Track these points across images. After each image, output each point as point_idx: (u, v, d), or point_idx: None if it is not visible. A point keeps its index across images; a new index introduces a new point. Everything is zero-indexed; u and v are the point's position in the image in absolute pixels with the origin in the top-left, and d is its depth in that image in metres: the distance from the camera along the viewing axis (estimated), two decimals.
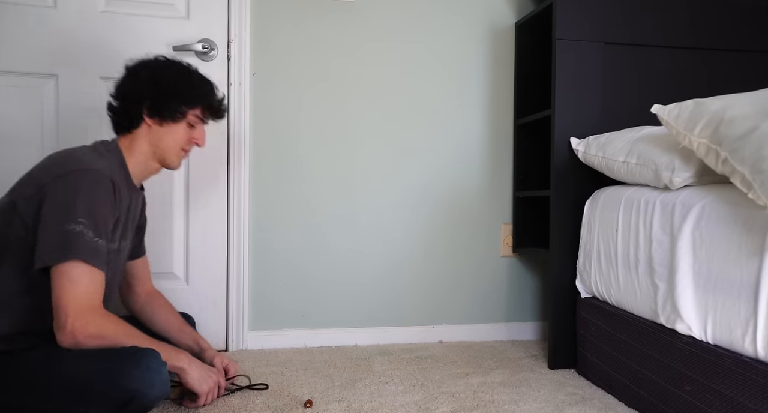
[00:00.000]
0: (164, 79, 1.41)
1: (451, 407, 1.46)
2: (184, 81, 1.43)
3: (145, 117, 1.41)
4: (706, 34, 1.92)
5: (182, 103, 1.43)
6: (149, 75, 1.41)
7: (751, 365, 1.10)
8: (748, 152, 1.11)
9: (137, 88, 1.40)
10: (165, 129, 1.43)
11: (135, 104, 1.40)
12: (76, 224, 1.19)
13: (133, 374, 1.15)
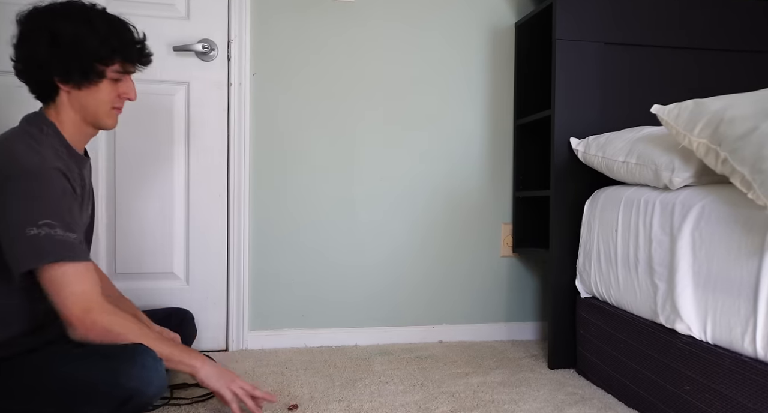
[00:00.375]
0: (66, 38, 1.21)
1: (451, 407, 1.47)
2: (89, 35, 1.23)
3: (60, 85, 1.25)
4: (706, 34, 1.92)
5: (95, 61, 1.25)
6: (48, 36, 1.21)
7: (751, 365, 1.11)
8: (748, 152, 1.11)
9: (38, 54, 1.21)
10: (85, 92, 1.27)
11: (43, 72, 1.24)
12: (40, 228, 1.13)
13: (131, 373, 1.14)
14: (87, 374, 1.15)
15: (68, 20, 1.22)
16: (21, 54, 1.24)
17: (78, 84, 1.26)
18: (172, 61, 1.93)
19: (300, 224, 2.06)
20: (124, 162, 1.92)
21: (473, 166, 2.19)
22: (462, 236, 2.17)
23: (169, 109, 1.95)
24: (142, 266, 1.94)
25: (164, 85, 1.94)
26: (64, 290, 1.15)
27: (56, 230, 1.14)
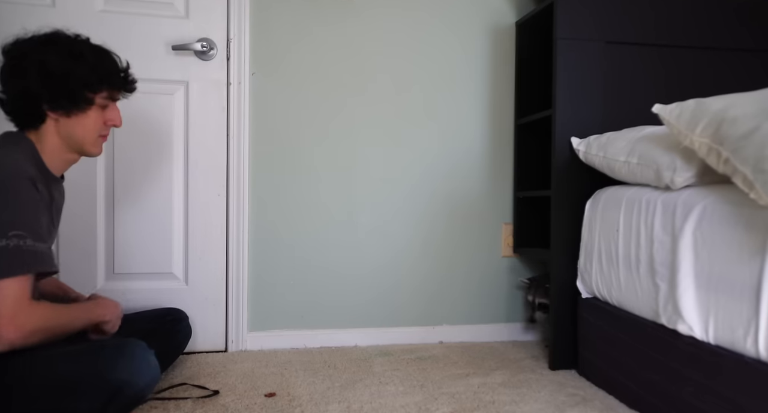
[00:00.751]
0: (56, 69, 1.23)
1: (452, 408, 1.46)
2: (79, 64, 1.26)
3: (48, 113, 1.26)
4: (708, 34, 1.91)
5: (85, 89, 1.28)
6: (38, 68, 1.23)
7: (753, 366, 1.10)
8: (750, 152, 1.10)
9: (29, 85, 1.23)
10: (74, 120, 1.29)
11: (32, 102, 1.25)
12: (7, 240, 1.11)
13: (117, 365, 1.16)
14: (74, 369, 1.16)
15: (56, 50, 1.25)
16: (10, 86, 1.25)
17: (67, 112, 1.28)
18: (171, 60, 1.92)
19: (300, 224, 2.05)
20: (122, 162, 1.91)
21: (474, 166, 2.18)
22: (462, 236, 2.16)
23: (168, 108, 1.94)
24: (141, 266, 1.93)
25: (163, 84, 1.93)
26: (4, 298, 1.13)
27: (26, 240, 1.14)
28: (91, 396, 1.15)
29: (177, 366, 1.78)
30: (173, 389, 1.55)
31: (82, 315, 1.31)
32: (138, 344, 1.20)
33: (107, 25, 1.88)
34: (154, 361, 1.22)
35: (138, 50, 1.91)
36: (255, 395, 1.53)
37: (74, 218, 1.87)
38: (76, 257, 1.87)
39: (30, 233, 1.15)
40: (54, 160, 1.32)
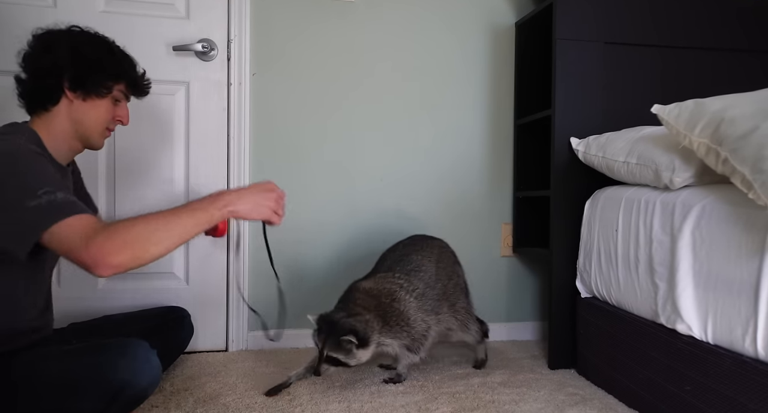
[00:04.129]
0: (88, 52, 1.30)
1: (452, 407, 1.46)
2: (108, 55, 1.34)
3: (67, 91, 1.28)
4: (707, 34, 1.92)
5: (108, 77, 1.32)
6: (70, 48, 1.28)
7: (752, 365, 1.10)
8: (749, 152, 1.11)
9: (57, 61, 1.26)
10: (89, 104, 1.31)
11: (54, 76, 1.26)
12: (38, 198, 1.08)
13: (118, 365, 1.15)
14: (76, 369, 1.16)
15: (88, 38, 1.33)
16: (36, 62, 1.28)
17: (85, 94, 1.30)
18: (172, 60, 1.93)
19: (300, 224, 2.06)
20: (123, 162, 1.92)
21: (473, 166, 2.18)
22: (462, 236, 2.17)
23: (169, 108, 1.94)
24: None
25: (164, 85, 1.93)
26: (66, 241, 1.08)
27: (56, 194, 1.11)
28: (93, 396, 1.14)
29: (178, 365, 1.79)
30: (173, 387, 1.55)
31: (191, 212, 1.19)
32: (140, 344, 1.20)
33: (108, 25, 1.87)
34: (156, 361, 1.21)
35: (139, 51, 1.88)
36: (255, 394, 1.54)
37: None
38: None
39: (57, 188, 1.12)
40: (59, 147, 1.30)
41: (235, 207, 1.23)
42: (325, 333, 1.52)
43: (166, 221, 1.16)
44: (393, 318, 1.57)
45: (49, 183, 1.12)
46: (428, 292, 1.67)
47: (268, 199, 1.29)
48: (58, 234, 1.08)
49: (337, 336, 1.49)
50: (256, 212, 1.27)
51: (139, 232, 1.13)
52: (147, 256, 1.13)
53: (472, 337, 1.78)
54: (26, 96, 1.30)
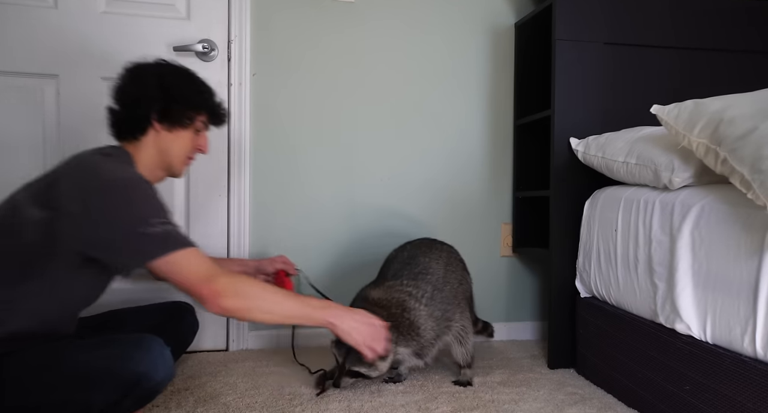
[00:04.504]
0: (173, 85, 1.38)
1: (452, 407, 1.47)
2: (191, 86, 1.43)
3: (155, 123, 1.37)
4: (706, 35, 1.92)
5: (191, 108, 1.41)
6: (157, 80, 1.37)
7: (750, 364, 1.11)
8: (748, 152, 1.11)
9: (146, 93, 1.35)
10: (174, 135, 1.40)
11: (144, 109, 1.36)
12: (153, 226, 1.18)
13: (135, 357, 1.16)
14: (91, 361, 1.17)
15: (173, 71, 1.41)
16: (127, 94, 1.36)
17: (171, 125, 1.39)
18: (173, 61, 1.93)
19: (300, 224, 2.06)
20: None
21: (473, 166, 2.19)
22: (462, 236, 2.17)
23: None
24: None
25: None
26: (185, 271, 1.20)
27: (167, 225, 1.21)
28: (108, 389, 1.15)
29: (178, 364, 1.79)
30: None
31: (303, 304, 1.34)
32: (155, 338, 1.21)
33: (109, 26, 1.89)
34: (170, 356, 1.22)
35: (139, 51, 1.90)
36: (256, 394, 1.54)
37: None
38: None
39: (170, 219, 1.23)
40: (147, 175, 1.35)
41: (337, 322, 1.36)
42: (346, 346, 1.48)
43: (281, 297, 1.32)
44: (404, 328, 1.55)
45: (163, 214, 1.22)
46: (437, 295, 1.63)
47: (368, 333, 1.40)
48: (174, 264, 1.19)
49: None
50: (350, 337, 1.37)
51: (256, 293, 1.28)
52: (249, 316, 1.29)
53: (462, 356, 1.67)
54: (117, 125, 1.38)
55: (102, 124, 1.88)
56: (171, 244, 1.20)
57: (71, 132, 1.88)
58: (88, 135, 1.89)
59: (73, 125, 1.88)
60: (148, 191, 1.24)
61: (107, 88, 1.88)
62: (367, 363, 1.48)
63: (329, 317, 1.36)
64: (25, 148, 1.85)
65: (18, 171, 1.84)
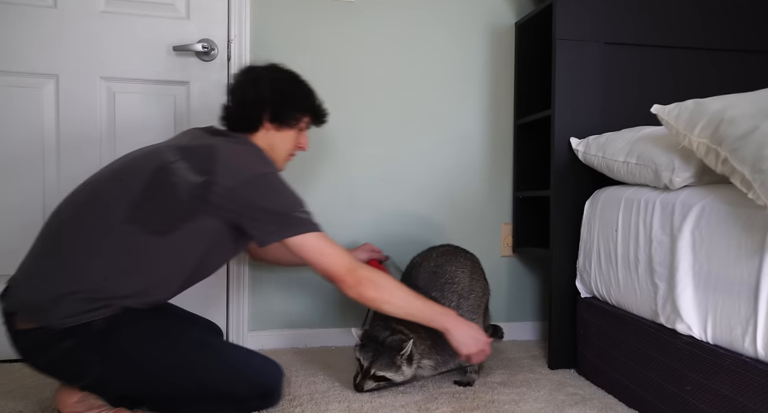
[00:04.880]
0: (285, 88, 1.52)
1: (452, 407, 1.46)
2: (299, 89, 1.56)
3: (266, 122, 1.50)
4: (706, 34, 1.92)
5: (298, 110, 1.55)
6: (270, 83, 1.50)
7: (751, 365, 1.10)
8: (748, 152, 1.11)
9: (260, 95, 1.49)
10: (281, 134, 1.53)
11: (257, 109, 1.49)
12: (304, 213, 1.37)
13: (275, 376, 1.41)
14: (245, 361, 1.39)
15: (285, 76, 1.55)
16: (243, 94, 1.51)
17: (280, 124, 1.52)
18: (172, 61, 1.93)
19: None
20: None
21: (473, 166, 2.19)
22: (462, 236, 2.17)
23: (169, 109, 1.95)
24: None
25: (164, 85, 1.94)
26: (328, 253, 1.37)
27: (312, 216, 1.38)
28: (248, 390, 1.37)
29: None
30: None
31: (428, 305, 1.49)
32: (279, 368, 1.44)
33: (108, 26, 1.89)
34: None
35: (139, 51, 1.91)
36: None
37: None
38: None
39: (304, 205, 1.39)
40: None
41: (453, 330, 1.48)
42: (373, 351, 1.54)
43: (411, 296, 1.46)
44: (429, 341, 1.57)
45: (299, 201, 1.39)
46: (462, 303, 1.65)
47: (476, 344, 1.50)
48: (315, 245, 1.36)
49: (391, 353, 1.52)
50: (461, 343, 1.49)
51: (392, 289, 1.44)
52: (381, 306, 1.43)
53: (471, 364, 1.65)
54: (231, 121, 1.52)
55: (101, 123, 1.90)
56: (315, 226, 1.37)
57: (71, 131, 1.87)
58: (88, 135, 1.89)
59: (72, 125, 1.88)
60: (280, 178, 1.39)
61: (106, 88, 1.90)
62: (395, 367, 1.52)
63: (447, 324, 1.48)
64: (24, 147, 1.84)
65: (18, 171, 1.84)
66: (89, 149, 1.89)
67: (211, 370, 1.33)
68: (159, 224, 1.29)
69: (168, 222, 1.30)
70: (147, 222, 1.28)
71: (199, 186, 1.30)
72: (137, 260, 1.28)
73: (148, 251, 1.28)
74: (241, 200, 1.31)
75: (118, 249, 1.26)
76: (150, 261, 1.29)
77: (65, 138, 1.87)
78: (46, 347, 1.23)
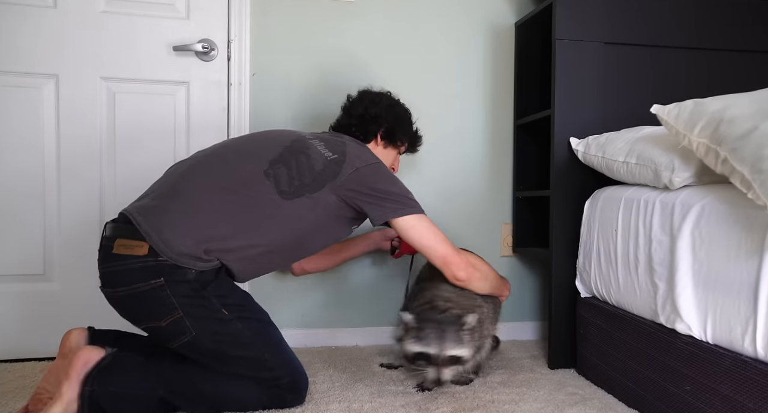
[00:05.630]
0: (399, 112, 1.76)
1: (452, 407, 1.46)
2: (407, 116, 1.79)
3: (379, 137, 1.72)
4: (706, 34, 1.92)
5: (404, 134, 1.77)
6: (387, 105, 1.74)
7: (751, 365, 1.10)
8: (748, 152, 1.11)
9: (380, 113, 1.70)
10: (386, 151, 1.75)
11: (375, 124, 1.70)
12: (413, 199, 1.53)
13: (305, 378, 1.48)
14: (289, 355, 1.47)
15: (400, 105, 1.80)
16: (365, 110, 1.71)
17: (388, 142, 1.75)
18: (172, 61, 1.93)
19: None
20: (125, 161, 1.92)
21: (473, 166, 2.19)
22: (462, 237, 2.17)
23: (169, 109, 1.95)
24: None
25: (164, 85, 1.94)
26: (436, 237, 1.52)
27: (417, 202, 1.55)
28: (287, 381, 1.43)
29: None
30: None
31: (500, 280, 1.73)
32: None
33: (108, 26, 1.89)
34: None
35: (139, 51, 1.91)
36: None
37: (74, 215, 1.88)
38: (79, 253, 1.88)
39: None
40: None
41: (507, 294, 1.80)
42: (437, 331, 1.46)
43: (494, 276, 1.69)
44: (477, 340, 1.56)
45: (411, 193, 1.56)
46: (488, 310, 1.65)
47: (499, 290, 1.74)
48: (424, 227, 1.51)
49: (457, 326, 1.47)
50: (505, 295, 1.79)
51: (485, 272, 1.65)
52: (471, 285, 1.59)
53: (478, 362, 1.66)
54: (348, 132, 1.70)
55: (100, 123, 1.90)
56: (422, 210, 1.53)
57: (70, 132, 1.87)
58: (87, 134, 1.89)
59: (72, 125, 1.88)
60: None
61: (106, 88, 1.90)
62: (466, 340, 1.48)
63: (506, 290, 1.77)
64: (24, 147, 1.85)
65: (18, 171, 1.84)
66: (89, 148, 1.89)
67: (269, 348, 1.41)
68: (286, 187, 1.43)
69: (295, 187, 1.44)
70: (278, 182, 1.42)
71: (333, 161, 1.48)
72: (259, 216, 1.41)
73: (272, 210, 1.41)
74: (364, 181, 1.48)
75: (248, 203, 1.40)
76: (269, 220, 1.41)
77: (65, 138, 1.87)
78: (139, 277, 1.31)
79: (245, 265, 1.44)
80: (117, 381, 1.30)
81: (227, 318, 1.36)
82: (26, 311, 1.86)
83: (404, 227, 1.49)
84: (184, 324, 1.32)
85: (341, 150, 1.52)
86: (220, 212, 1.38)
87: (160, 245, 1.31)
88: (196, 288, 1.34)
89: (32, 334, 1.85)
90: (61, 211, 1.87)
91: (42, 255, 1.87)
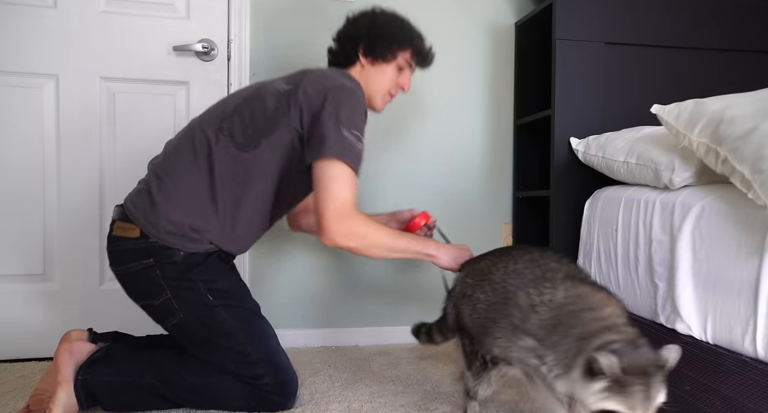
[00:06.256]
0: (380, 23, 1.55)
1: (452, 407, 1.46)
2: (397, 25, 1.57)
3: (360, 55, 1.54)
4: (706, 34, 1.92)
5: (394, 43, 1.54)
6: (367, 20, 1.55)
7: (751, 365, 1.10)
8: (748, 152, 1.11)
9: (356, 31, 1.54)
10: (376, 69, 1.54)
11: (352, 43, 1.54)
12: (350, 135, 1.33)
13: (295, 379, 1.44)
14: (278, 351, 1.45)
15: (384, 13, 1.58)
16: (343, 31, 1.57)
17: (374, 58, 1.54)
18: (172, 61, 1.93)
19: None
20: (125, 161, 1.92)
21: (473, 166, 2.19)
22: (462, 236, 2.15)
23: (169, 109, 1.95)
24: None
25: (164, 85, 1.94)
26: (331, 188, 1.31)
27: (358, 142, 1.35)
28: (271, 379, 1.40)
29: None
30: None
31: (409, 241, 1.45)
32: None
33: (108, 26, 1.89)
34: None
35: (139, 51, 1.91)
36: None
37: (74, 215, 1.88)
38: (79, 253, 1.88)
39: (360, 137, 1.36)
40: None
41: (437, 254, 1.44)
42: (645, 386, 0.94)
43: (395, 236, 1.42)
44: None
45: (362, 130, 1.37)
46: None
47: (463, 256, 1.46)
48: (329, 173, 1.31)
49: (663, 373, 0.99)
50: (452, 260, 1.44)
51: (374, 236, 1.36)
52: (366, 253, 1.38)
53: None
54: (332, 61, 1.59)
55: (101, 123, 1.90)
56: (347, 156, 1.31)
57: (70, 131, 1.87)
58: (87, 134, 1.89)
59: (72, 125, 1.88)
60: (362, 103, 1.41)
61: (107, 88, 1.90)
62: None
63: (429, 252, 1.44)
64: (24, 147, 1.84)
65: (18, 171, 1.84)
66: (89, 148, 1.89)
67: (252, 341, 1.39)
68: (241, 139, 1.36)
69: (249, 137, 1.36)
70: (232, 135, 1.36)
71: (285, 93, 1.37)
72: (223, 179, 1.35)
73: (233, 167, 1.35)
74: (313, 105, 1.34)
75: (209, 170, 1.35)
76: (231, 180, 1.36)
77: (65, 139, 1.87)
78: (131, 257, 1.35)
79: (230, 233, 1.40)
80: (107, 370, 1.34)
81: (212, 304, 1.36)
82: (26, 311, 1.86)
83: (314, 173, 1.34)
84: (172, 306, 1.35)
85: (298, 80, 1.40)
86: (190, 186, 1.37)
87: (148, 227, 1.35)
88: (182, 270, 1.35)
89: (32, 334, 1.84)
90: (61, 211, 1.87)
91: (42, 255, 1.87)
